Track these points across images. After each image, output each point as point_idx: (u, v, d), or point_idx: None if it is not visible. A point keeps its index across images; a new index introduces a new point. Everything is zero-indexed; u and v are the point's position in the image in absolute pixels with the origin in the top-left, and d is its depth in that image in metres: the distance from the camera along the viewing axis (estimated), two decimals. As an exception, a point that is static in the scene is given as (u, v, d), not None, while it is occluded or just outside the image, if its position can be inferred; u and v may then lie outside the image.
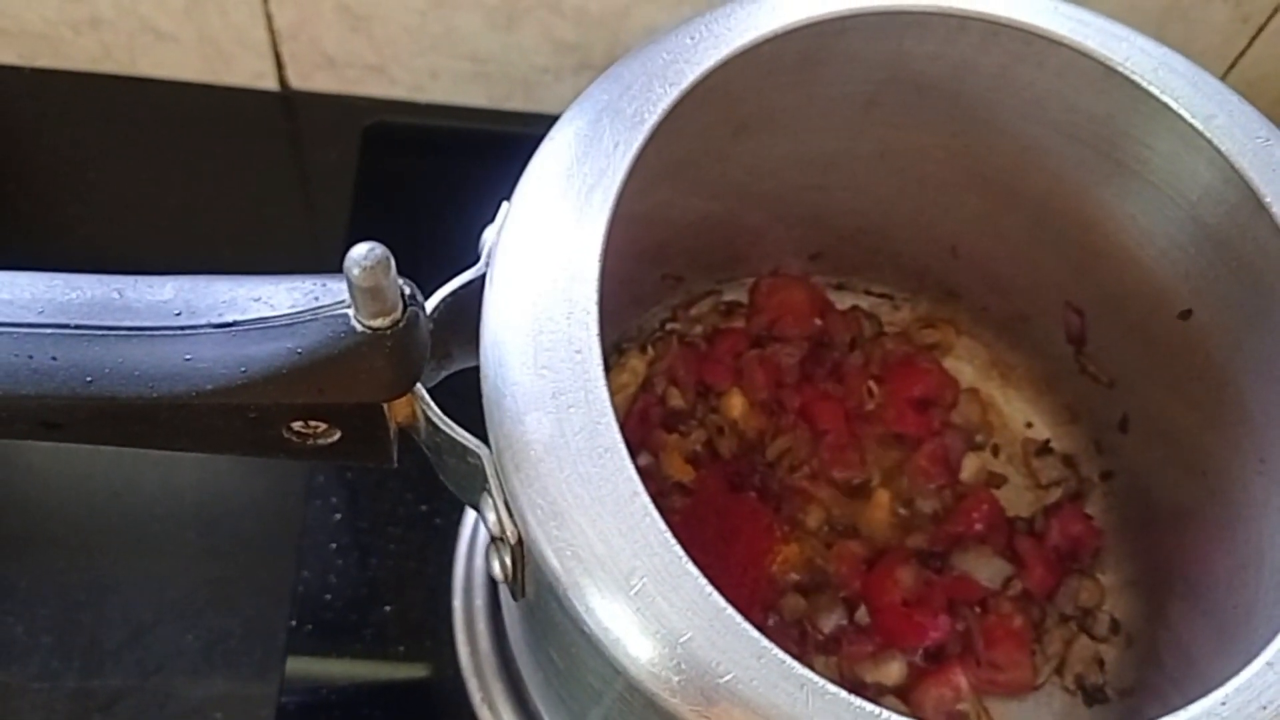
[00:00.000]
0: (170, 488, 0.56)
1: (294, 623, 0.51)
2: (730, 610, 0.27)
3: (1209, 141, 0.35)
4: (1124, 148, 0.38)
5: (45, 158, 0.66)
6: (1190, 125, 0.35)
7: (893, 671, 0.45)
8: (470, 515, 0.53)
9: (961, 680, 0.44)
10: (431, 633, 0.51)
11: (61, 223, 0.64)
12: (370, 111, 0.68)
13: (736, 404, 0.49)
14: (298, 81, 0.68)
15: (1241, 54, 0.66)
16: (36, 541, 0.55)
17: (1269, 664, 0.28)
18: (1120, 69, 0.36)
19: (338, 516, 0.54)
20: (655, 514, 0.28)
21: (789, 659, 0.27)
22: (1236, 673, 0.29)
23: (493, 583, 0.50)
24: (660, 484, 0.47)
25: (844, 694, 0.26)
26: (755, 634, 0.27)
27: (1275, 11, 0.63)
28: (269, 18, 0.63)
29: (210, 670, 0.53)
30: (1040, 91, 0.39)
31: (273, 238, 0.65)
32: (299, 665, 0.51)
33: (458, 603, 0.50)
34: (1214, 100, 0.35)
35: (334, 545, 0.53)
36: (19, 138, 0.67)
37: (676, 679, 0.27)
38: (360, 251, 0.26)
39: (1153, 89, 0.35)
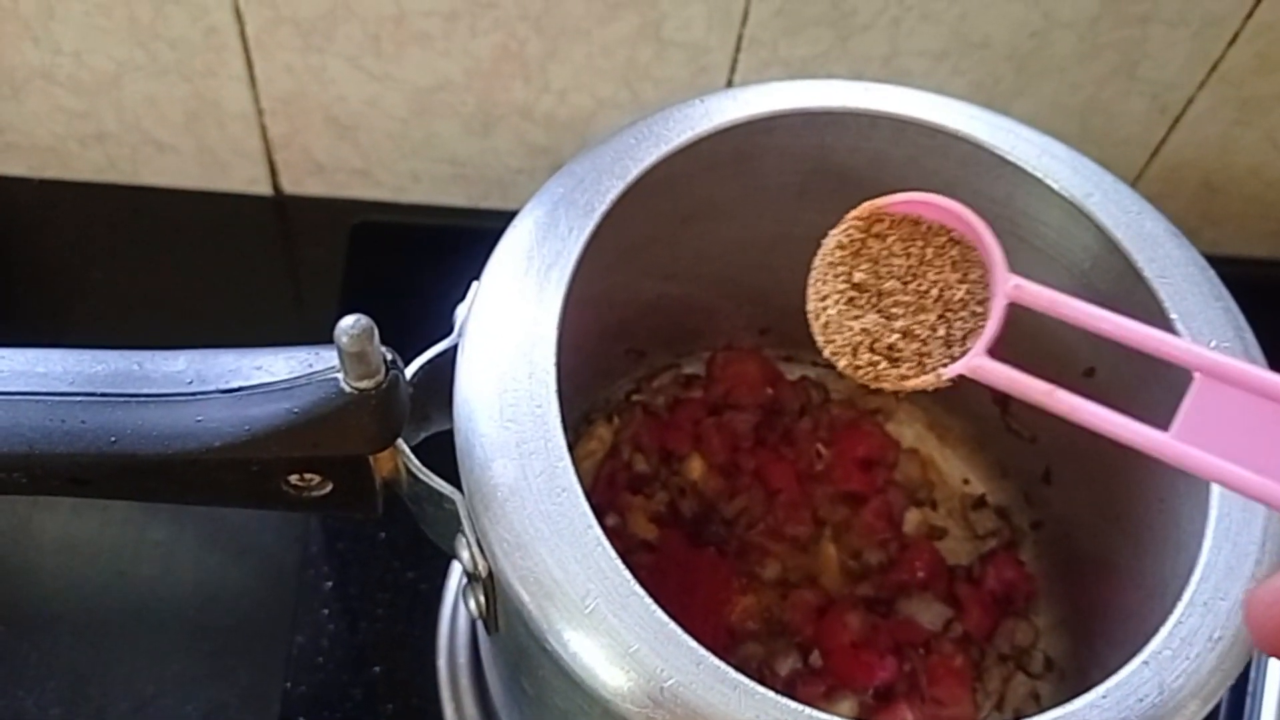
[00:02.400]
0: (171, 566, 0.59)
1: (289, 684, 0.54)
2: (672, 624, 0.31)
3: (1089, 216, 0.40)
4: (1023, 225, 0.43)
5: (54, 262, 0.70)
6: (1071, 202, 0.40)
7: (845, 710, 0.48)
8: (453, 580, 0.56)
9: (908, 716, 0.48)
10: (418, 691, 0.54)
11: (69, 322, 0.67)
12: (357, 212, 0.71)
13: (696, 467, 0.53)
14: (290, 186, 0.71)
15: (1162, 142, 0.71)
16: (45, 619, 0.57)
17: (1144, 662, 0.32)
18: (1009, 157, 0.41)
19: (329, 584, 0.57)
20: (607, 545, 0.32)
21: (722, 665, 0.30)
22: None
23: (474, 642, 0.54)
24: (627, 542, 0.51)
25: (770, 693, 0.30)
26: (694, 644, 0.31)
27: (1190, 102, 0.68)
28: (264, 129, 0.68)
29: (209, 739, 0.55)
30: (948, 178, 0.44)
31: (266, 332, 0.68)
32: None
33: (442, 662, 0.54)
34: (1090, 180, 0.41)
35: (326, 611, 0.56)
36: (29, 243, 0.70)
37: (627, 686, 0.31)
38: (348, 322, 0.31)
39: (1037, 173, 0.41)
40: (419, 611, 0.56)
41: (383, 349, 0.33)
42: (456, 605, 0.55)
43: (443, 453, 0.37)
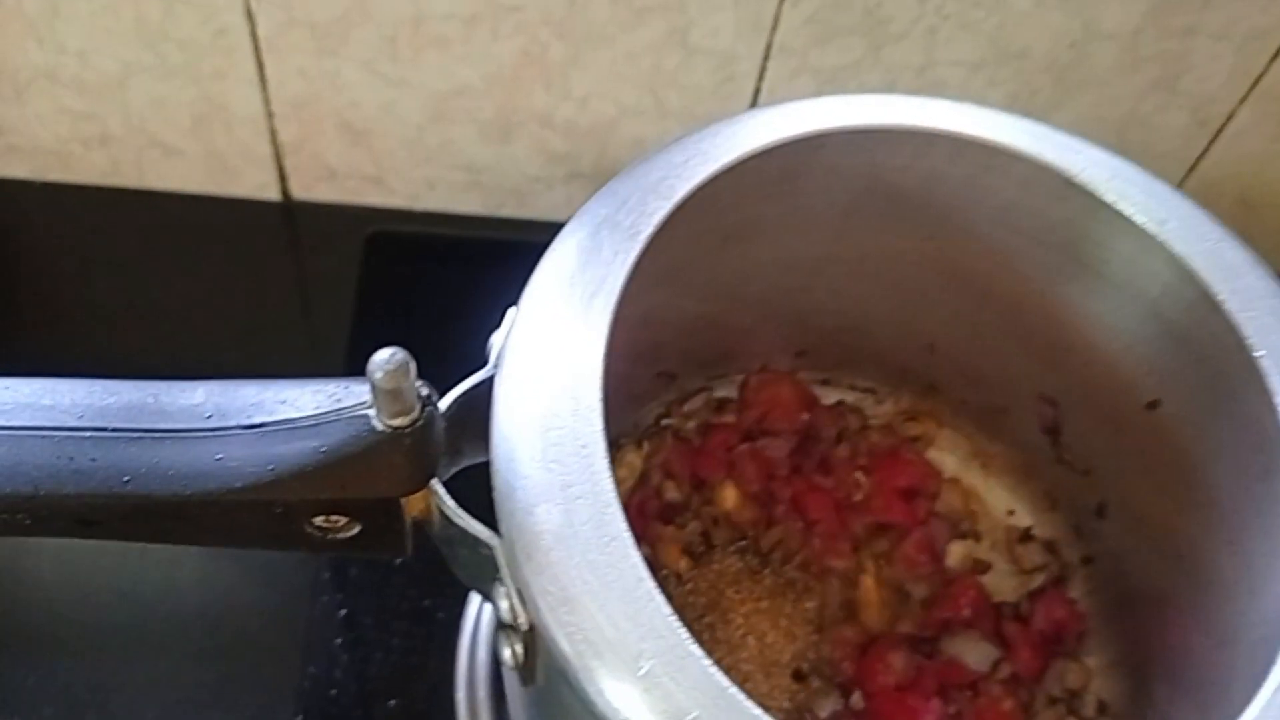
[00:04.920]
0: (174, 588, 0.57)
1: (300, 717, 0.52)
2: (733, 689, 0.29)
3: (1163, 245, 0.38)
4: (1086, 250, 0.41)
5: (56, 267, 0.69)
6: (1145, 230, 0.38)
7: (888, 757, 0.46)
8: (472, 608, 0.54)
9: (955, 763, 0.46)
10: (435, 726, 0.52)
11: (72, 330, 0.66)
12: (369, 220, 0.70)
13: (730, 496, 0.51)
14: (299, 192, 0.70)
15: (1201, 156, 0.69)
16: (42, 641, 0.56)
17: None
18: (1077, 179, 0.39)
19: (343, 612, 0.55)
20: (661, 599, 0.30)
21: (789, 734, 0.28)
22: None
23: (496, 675, 0.51)
24: (657, 575, 0.49)
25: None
26: (758, 711, 0.28)
27: (1230, 116, 0.66)
28: (274, 133, 0.66)
29: (212, 769, 0.53)
30: (1006, 199, 0.42)
31: (274, 343, 0.67)
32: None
33: (461, 695, 0.51)
34: (1166, 206, 0.38)
35: (339, 641, 0.54)
36: (31, 248, 0.69)
37: (684, 755, 0.28)
38: (384, 356, 0.29)
39: (1108, 197, 0.38)
40: (436, 642, 0.54)
41: (419, 383, 0.30)
42: (476, 636, 0.53)
43: (474, 485, 0.35)
